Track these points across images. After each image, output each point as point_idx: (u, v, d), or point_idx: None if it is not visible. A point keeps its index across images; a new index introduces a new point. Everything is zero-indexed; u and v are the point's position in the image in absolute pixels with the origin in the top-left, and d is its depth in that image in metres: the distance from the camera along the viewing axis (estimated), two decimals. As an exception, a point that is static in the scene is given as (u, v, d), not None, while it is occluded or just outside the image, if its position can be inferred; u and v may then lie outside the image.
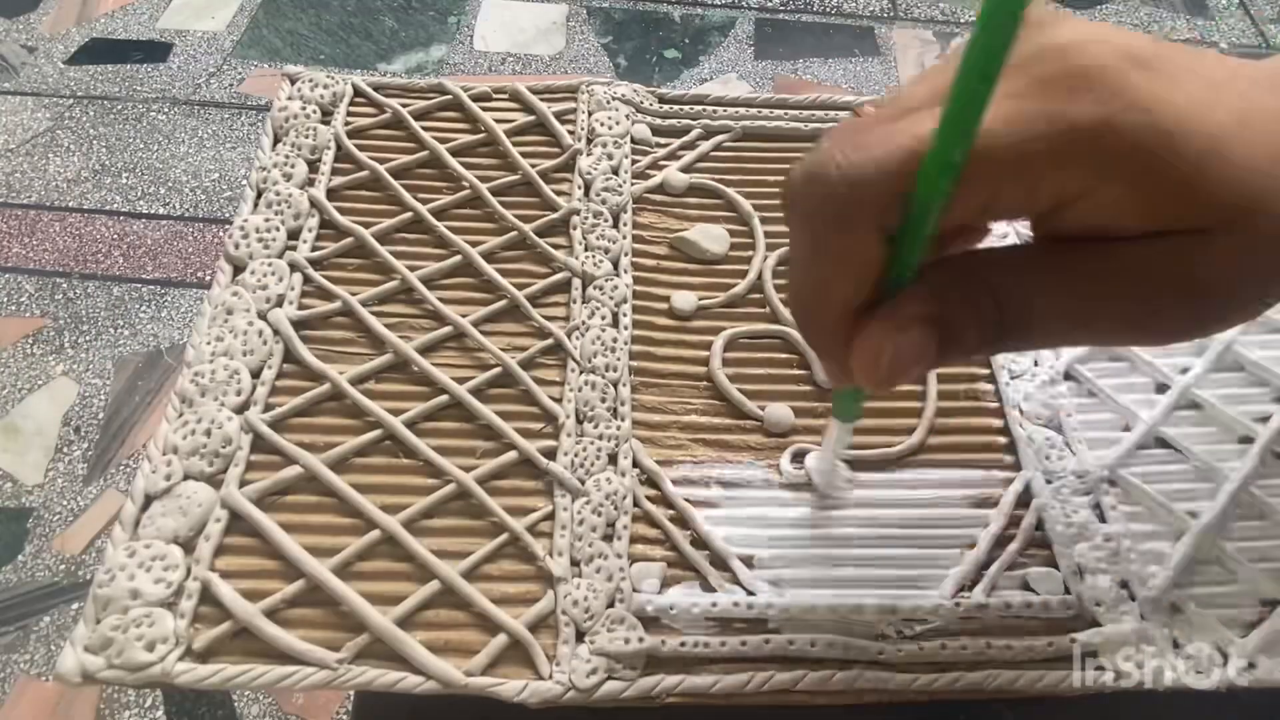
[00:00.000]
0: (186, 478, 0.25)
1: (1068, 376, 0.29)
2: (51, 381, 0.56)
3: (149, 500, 0.25)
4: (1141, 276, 0.16)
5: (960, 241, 0.19)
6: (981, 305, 0.17)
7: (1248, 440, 0.28)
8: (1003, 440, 0.28)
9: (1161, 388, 0.29)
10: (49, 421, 0.54)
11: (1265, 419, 0.28)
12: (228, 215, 0.63)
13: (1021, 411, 0.28)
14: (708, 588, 0.25)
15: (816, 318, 0.18)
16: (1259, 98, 0.16)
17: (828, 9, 0.80)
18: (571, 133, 0.35)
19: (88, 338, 0.57)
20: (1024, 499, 0.27)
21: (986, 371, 0.30)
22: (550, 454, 0.27)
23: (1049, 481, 0.27)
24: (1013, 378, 0.29)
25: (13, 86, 0.68)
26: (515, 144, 0.34)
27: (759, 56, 0.83)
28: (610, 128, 0.35)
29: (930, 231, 0.16)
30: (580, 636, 0.24)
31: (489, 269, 0.31)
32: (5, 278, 0.60)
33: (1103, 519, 0.26)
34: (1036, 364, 0.30)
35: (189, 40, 0.73)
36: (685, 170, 0.34)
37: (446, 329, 0.29)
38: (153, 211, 0.62)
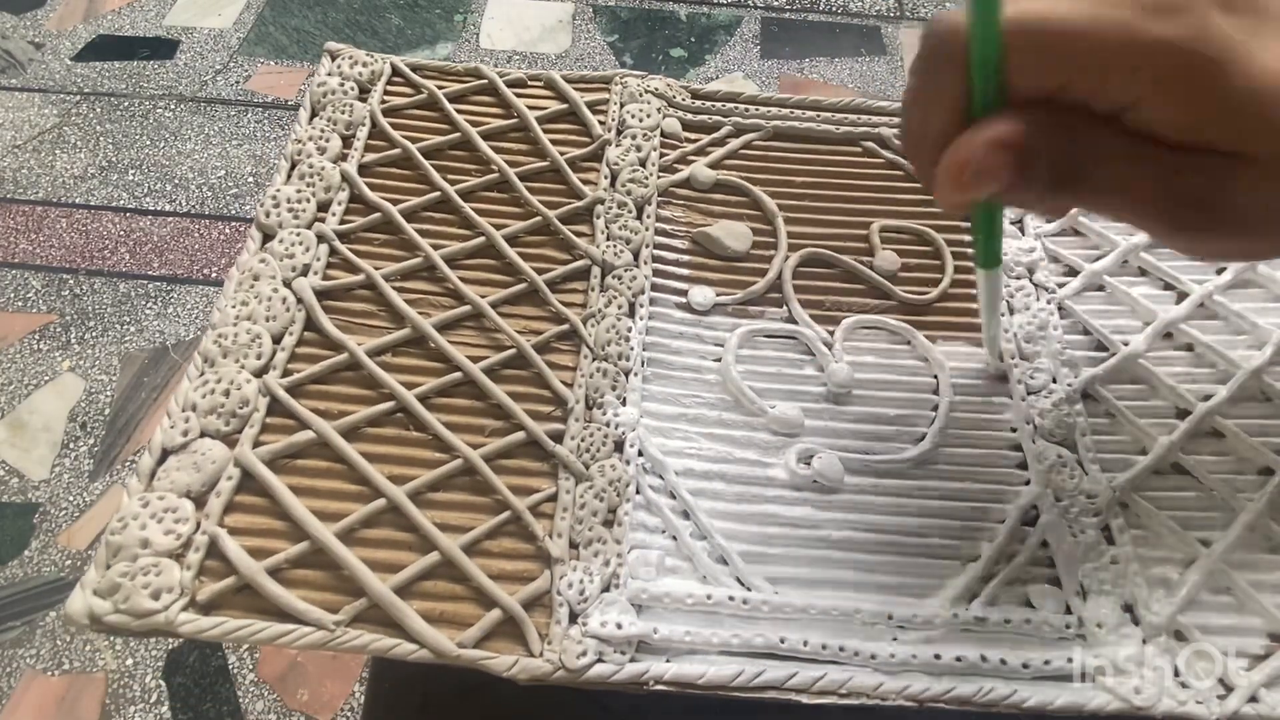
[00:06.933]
0: (203, 435, 0.26)
1: (1085, 395, 0.29)
2: (58, 377, 0.56)
3: (165, 454, 0.26)
4: (1182, 184, 0.19)
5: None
6: (1057, 142, 0.19)
7: (1268, 472, 0.27)
8: (1014, 455, 0.28)
9: (1182, 413, 0.28)
10: (55, 417, 0.54)
11: (1288, 451, 0.27)
12: (234, 212, 0.63)
13: (1035, 427, 0.28)
14: (704, 580, 0.25)
15: (918, 144, 0.21)
16: None
17: (834, 8, 0.80)
18: (602, 123, 0.35)
19: (94, 334, 0.58)
20: (1031, 515, 0.26)
21: (1004, 385, 0.29)
22: (558, 437, 0.27)
23: (1058, 500, 0.27)
24: (1029, 393, 0.29)
25: (20, 83, 0.69)
26: (546, 131, 0.34)
27: (765, 55, 0.83)
28: (641, 120, 0.35)
29: (994, 79, 0.19)
30: (574, 618, 0.24)
31: (511, 252, 0.31)
32: (12, 274, 0.60)
33: (1111, 541, 0.26)
34: (1054, 381, 0.29)
35: (195, 37, 0.74)
36: (713, 166, 0.34)
37: (465, 308, 0.29)
38: (159, 208, 0.63)
